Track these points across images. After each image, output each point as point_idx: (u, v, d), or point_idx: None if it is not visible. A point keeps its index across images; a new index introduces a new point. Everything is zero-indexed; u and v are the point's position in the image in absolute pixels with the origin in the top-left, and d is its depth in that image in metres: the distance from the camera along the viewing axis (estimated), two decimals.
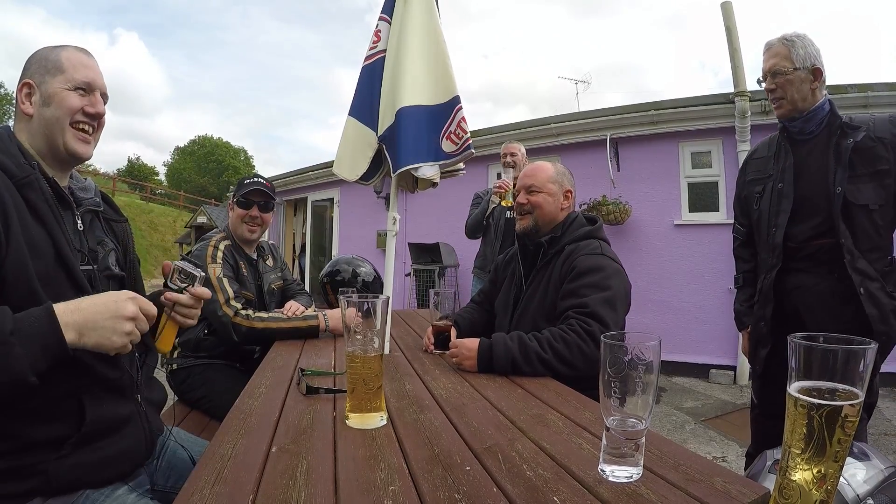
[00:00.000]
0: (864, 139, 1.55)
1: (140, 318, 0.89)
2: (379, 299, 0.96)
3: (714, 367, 4.78)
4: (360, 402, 0.98)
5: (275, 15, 77.59)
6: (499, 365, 1.37)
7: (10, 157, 0.97)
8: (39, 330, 0.80)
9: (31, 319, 0.81)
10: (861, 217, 1.56)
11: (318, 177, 9.17)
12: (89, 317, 0.85)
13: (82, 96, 1.05)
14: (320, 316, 1.92)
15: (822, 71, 1.62)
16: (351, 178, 1.82)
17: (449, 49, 1.76)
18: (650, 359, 0.69)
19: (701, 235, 5.00)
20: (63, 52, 1.06)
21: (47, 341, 0.81)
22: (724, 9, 4.79)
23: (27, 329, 0.79)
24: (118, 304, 0.88)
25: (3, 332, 0.77)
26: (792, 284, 1.70)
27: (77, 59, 1.06)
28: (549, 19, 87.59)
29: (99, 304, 0.87)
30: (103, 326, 0.85)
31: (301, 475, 0.76)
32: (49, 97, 1.02)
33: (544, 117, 6.08)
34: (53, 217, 0.96)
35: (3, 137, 1.00)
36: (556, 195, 1.70)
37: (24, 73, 1.06)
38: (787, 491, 0.58)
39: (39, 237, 0.93)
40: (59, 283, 0.93)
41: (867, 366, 0.55)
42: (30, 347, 0.78)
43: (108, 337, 0.85)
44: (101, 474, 0.94)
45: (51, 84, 1.03)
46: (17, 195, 0.92)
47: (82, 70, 1.05)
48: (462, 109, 1.69)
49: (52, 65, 1.04)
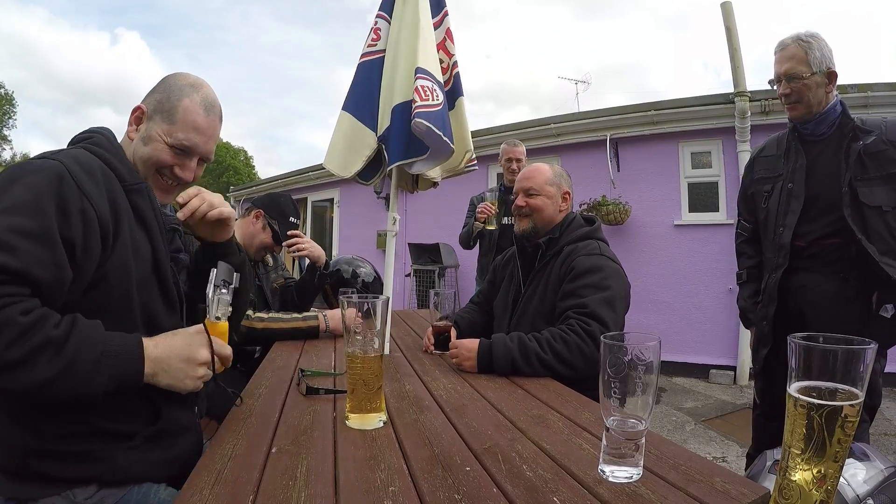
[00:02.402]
0: (875, 142, 1.53)
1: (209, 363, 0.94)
2: (379, 300, 0.96)
3: (714, 367, 4.77)
4: (360, 403, 0.98)
5: (275, 15, 77.61)
6: (499, 365, 1.37)
7: (122, 162, 0.98)
8: (126, 362, 0.84)
9: (121, 347, 0.84)
10: (875, 219, 1.54)
11: (317, 177, 9.17)
12: (164, 357, 0.88)
13: (177, 155, 1.03)
14: (320, 316, 1.92)
15: (836, 73, 1.59)
16: (342, 174, 1.79)
17: (449, 47, 1.76)
18: (650, 359, 0.69)
19: (701, 235, 5.00)
20: (187, 100, 1.03)
21: (128, 373, 0.84)
22: (724, 9, 4.79)
23: (115, 356, 0.82)
24: (192, 348, 0.92)
25: (96, 352, 0.80)
26: (797, 283, 1.69)
27: (194, 117, 1.03)
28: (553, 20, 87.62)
29: (176, 347, 0.90)
30: (177, 368, 0.89)
31: (301, 476, 0.76)
32: (149, 137, 1.01)
33: (544, 117, 6.08)
34: (157, 225, 0.99)
35: (112, 143, 1.01)
36: (554, 197, 1.69)
37: (150, 95, 1.05)
38: (787, 491, 0.58)
39: (142, 242, 0.96)
40: (151, 289, 0.97)
41: (867, 366, 0.55)
42: (112, 373, 0.82)
43: (181, 379, 0.90)
44: (159, 472, 0.95)
45: (156, 127, 1.01)
46: (126, 200, 0.94)
47: (191, 133, 1.02)
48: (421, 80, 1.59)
49: (168, 107, 1.02)
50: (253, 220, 2.07)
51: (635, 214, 5.27)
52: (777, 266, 1.71)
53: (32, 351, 0.74)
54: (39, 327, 0.76)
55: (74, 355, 0.78)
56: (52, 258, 0.80)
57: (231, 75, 74.89)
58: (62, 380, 0.77)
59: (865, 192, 1.54)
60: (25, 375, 0.74)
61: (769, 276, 1.75)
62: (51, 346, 0.76)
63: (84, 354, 0.79)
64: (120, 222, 0.91)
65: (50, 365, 0.76)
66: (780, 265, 1.70)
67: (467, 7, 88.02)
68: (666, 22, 76.06)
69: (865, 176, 1.54)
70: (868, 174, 1.54)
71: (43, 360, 0.75)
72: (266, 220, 2.06)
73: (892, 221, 1.55)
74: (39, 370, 0.75)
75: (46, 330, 0.77)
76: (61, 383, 0.77)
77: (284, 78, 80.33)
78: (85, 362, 0.79)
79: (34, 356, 0.75)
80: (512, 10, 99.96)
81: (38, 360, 0.75)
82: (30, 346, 0.74)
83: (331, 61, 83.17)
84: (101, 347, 0.81)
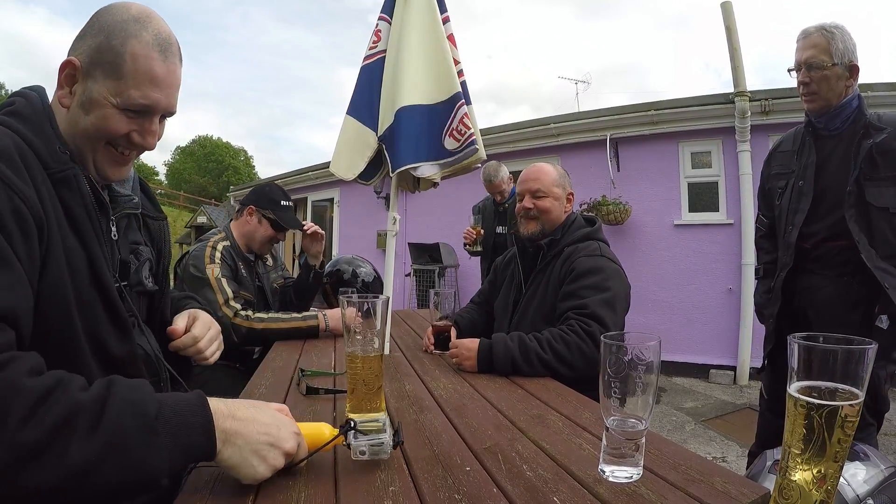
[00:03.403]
0: (886, 140, 1.48)
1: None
2: (379, 299, 0.96)
3: (714, 367, 4.77)
4: (360, 403, 0.98)
5: (276, 15, 77.75)
6: (499, 365, 1.37)
7: (45, 139, 0.75)
8: (191, 420, 0.62)
9: (180, 405, 0.63)
10: (880, 220, 1.49)
11: (317, 177, 9.18)
12: (241, 432, 0.67)
13: (132, 119, 0.80)
14: (320, 316, 1.92)
15: (859, 67, 1.55)
16: (348, 176, 1.81)
17: (451, 47, 1.75)
18: (650, 359, 0.69)
19: (701, 235, 5.00)
20: (134, 42, 0.77)
21: (196, 441, 0.62)
22: (724, 8, 4.79)
23: (176, 415, 0.61)
24: (282, 431, 0.70)
25: (148, 416, 0.59)
26: (803, 285, 1.68)
27: (146, 64, 0.78)
28: (555, 21, 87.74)
29: (260, 423, 0.69)
30: (255, 452, 0.67)
31: (301, 476, 0.76)
32: (90, 103, 0.78)
33: (544, 117, 6.08)
34: (91, 226, 0.77)
35: (37, 111, 0.77)
36: (560, 199, 1.69)
37: (80, 41, 0.79)
38: (787, 491, 0.58)
39: (75, 251, 0.74)
40: (94, 309, 0.76)
41: (867, 366, 0.55)
42: (175, 441, 0.60)
43: (255, 467, 0.67)
44: None
45: (98, 86, 0.77)
46: (54, 194, 0.73)
47: (147, 88, 0.79)
48: (464, 106, 1.67)
49: (110, 58, 0.77)
50: (248, 219, 2.09)
51: (635, 214, 5.27)
52: (784, 265, 1.70)
53: (57, 427, 0.53)
54: (62, 391, 0.56)
55: (116, 426, 0.56)
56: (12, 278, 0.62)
57: (231, 75, 75.02)
58: (107, 462, 0.55)
59: (873, 193, 1.49)
60: (53, 462, 0.52)
61: (777, 275, 1.74)
62: (84, 416, 0.55)
63: (128, 421, 0.57)
64: (50, 231, 0.69)
65: (85, 443, 0.54)
66: (786, 264, 1.69)
67: (469, 7, 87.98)
68: (667, 22, 76.07)
69: (876, 175, 1.48)
70: (878, 173, 1.48)
71: (76, 438, 0.54)
72: (259, 213, 2.08)
73: None
74: (73, 452, 0.53)
75: (71, 394, 0.57)
76: (106, 468, 0.55)
77: (285, 78, 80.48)
78: (133, 432, 0.57)
79: (61, 432, 0.53)
80: (513, 10, 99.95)
81: (69, 438, 0.54)
82: (53, 419, 0.54)
83: (332, 61, 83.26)
84: (155, 410, 0.60)
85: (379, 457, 0.78)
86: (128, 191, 0.94)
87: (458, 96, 1.68)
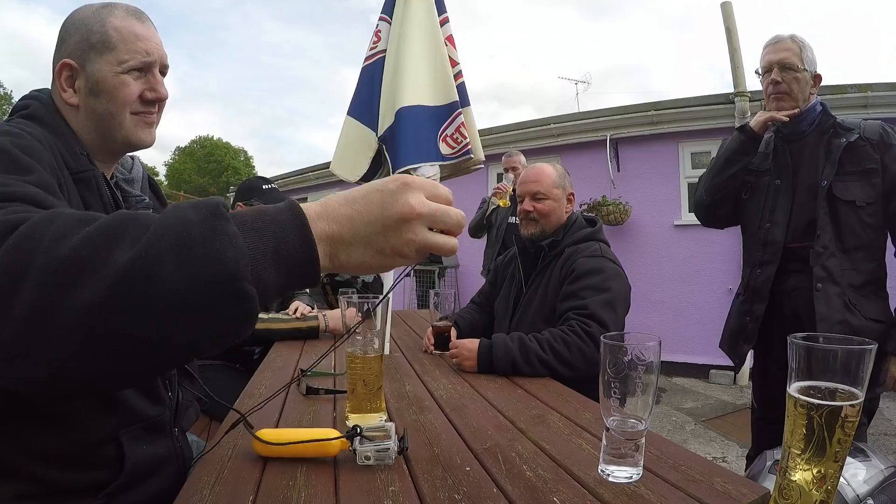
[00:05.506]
0: (856, 140, 1.57)
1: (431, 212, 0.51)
2: (379, 300, 0.96)
3: (714, 367, 4.77)
4: (361, 403, 0.98)
5: (276, 15, 77.78)
6: (499, 365, 1.37)
7: (65, 141, 0.79)
8: (280, 220, 0.47)
9: (267, 214, 0.47)
10: (848, 213, 1.57)
11: (318, 177, 9.18)
12: (348, 219, 0.50)
13: (138, 79, 0.86)
14: (320, 316, 1.92)
15: (821, 77, 1.67)
16: (352, 178, 1.82)
17: (451, 49, 1.75)
18: (650, 359, 0.69)
19: (701, 236, 4.99)
20: (110, 19, 0.84)
21: (286, 242, 0.46)
22: (724, 9, 4.80)
23: (263, 221, 0.46)
24: (396, 195, 0.50)
25: (212, 205, 0.45)
26: (792, 286, 1.69)
27: (128, 28, 0.84)
28: (558, 21, 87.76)
29: (372, 199, 0.51)
30: (378, 231, 0.50)
31: (301, 476, 0.76)
32: (98, 84, 0.83)
33: (545, 118, 6.09)
34: None
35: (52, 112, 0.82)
36: (560, 200, 1.69)
37: (62, 46, 0.85)
38: (786, 491, 0.58)
39: None
40: None
41: (867, 366, 0.55)
42: (258, 242, 0.45)
43: (389, 247, 0.50)
44: None
45: (99, 66, 0.83)
46: (76, 193, 0.76)
47: (136, 44, 0.84)
48: (461, 115, 1.68)
49: (97, 39, 0.83)
50: None
51: (635, 214, 5.27)
52: (763, 263, 1.71)
53: (101, 233, 0.43)
54: (91, 218, 0.46)
55: (171, 221, 0.44)
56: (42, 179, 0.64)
57: (232, 75, 75.05)
58: (164, 259, 0.41)
59: (840, 188, 1.57)
60: (95, 267, 0.41)
61: (751, 272, 1.75)
62: (132, 224, 0.44)
63: (188, 214, 0.44)
64: None
65: (133, 248, 0.42)
66: (767, 262, 1.70)
67: (471, 7, 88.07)
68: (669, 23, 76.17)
69: (842, 171, 1.57)
70: (845, 169, 1.57)
71: (125, 244, 0.42)
72: (246, 206, 2.09)
73: (866, 217, 1.57)
74: (118, 255, 0.41)
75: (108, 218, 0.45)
76: (166, 265, 0.41)
77: (286, 78, 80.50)
78: (195, 223, 0.43)
79: (107, 240, 0.43)
80: (516, 10, 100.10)
81: (119, 244, 0.42)
82: (93, 229, 0.44)
83: (333, 61, 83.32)
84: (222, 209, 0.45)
85: (384, 462, 0.78)
86: (138, 191, 0.98)
87: (456, 105, 1.68)
